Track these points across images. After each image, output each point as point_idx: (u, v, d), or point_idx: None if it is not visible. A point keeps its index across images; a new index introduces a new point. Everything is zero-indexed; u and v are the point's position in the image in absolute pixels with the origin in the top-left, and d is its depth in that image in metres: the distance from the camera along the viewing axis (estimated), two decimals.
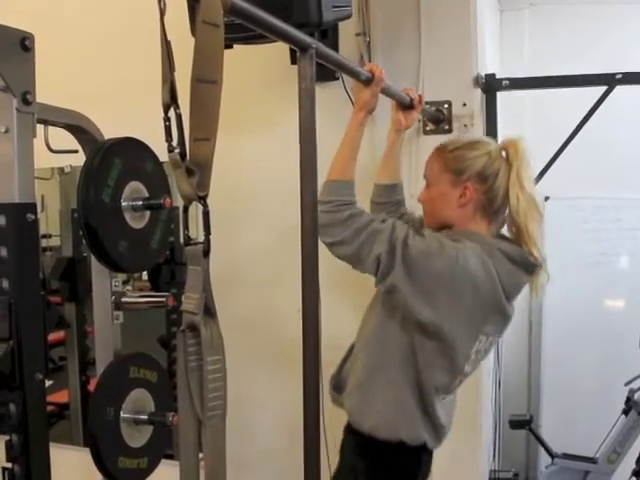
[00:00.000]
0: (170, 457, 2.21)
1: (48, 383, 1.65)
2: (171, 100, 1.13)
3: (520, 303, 3.89)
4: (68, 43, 2.95)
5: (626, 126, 3.68)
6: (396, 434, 1.76)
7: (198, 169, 1.14)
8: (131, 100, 2.77)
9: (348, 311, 2.46)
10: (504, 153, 1.77)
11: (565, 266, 3.85)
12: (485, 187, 1.74)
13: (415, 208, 2.11)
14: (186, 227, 1.22)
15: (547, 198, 3.89)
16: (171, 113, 1.14)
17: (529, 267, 1.76)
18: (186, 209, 1.20)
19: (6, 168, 1.54)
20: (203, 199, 1.17)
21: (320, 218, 1.61)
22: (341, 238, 1.65)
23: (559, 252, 3.87)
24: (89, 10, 3.00)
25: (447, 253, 1.63)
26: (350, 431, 1.84)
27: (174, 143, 1.14)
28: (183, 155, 1.13)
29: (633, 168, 3.69)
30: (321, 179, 1.48)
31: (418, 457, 1.82)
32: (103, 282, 2.17)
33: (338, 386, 1.93)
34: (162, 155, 1.44)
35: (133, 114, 2.55)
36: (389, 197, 2.09)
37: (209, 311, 1.23)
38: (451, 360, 1.73)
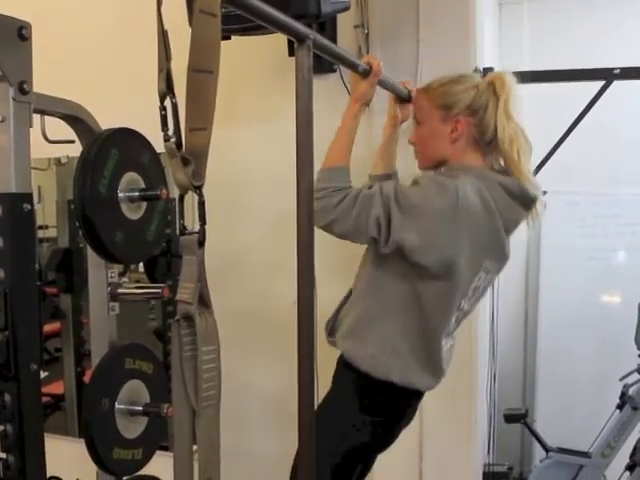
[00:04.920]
0: (165, 448, 2.21)
1: (43, 374, 1.65)
2: (167, 89, 1.13)
3: (516, 299, 3.96)
4: (65, 33, 2.94)
5: (623, 121, 3.69)
6: (388, 376, 1.77)
7: (194, 158, 1.14)
8: (128, 90, 2.76)
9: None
10: (491, 86, 1.78)
11: (561, 261, 3.87)
12: (476, 120, 1.76)
13: None
14: (181, 217, 1.22)
15: (544, 193, 3.89)
16: (167, 102, 1.14)
17: (527, 201, 1.77)
18: (182, 198, 1.20)
19: (2, 158, 1.54)
20: (199, 189, 1.17)
21: (314, 205, 1.62)
22: (334, 217, 1.66)
23: (555, 247, 3.90)
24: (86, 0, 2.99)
25: (446, 190, 1.64)
26: (345, 364, 1.85)
27: (170, 132, 1.14)
28: (179, 144, 1.13)
29: (630, 163, 3.70)
30: (318, 170, 1.47)
31: (408, 398, 1.86)
32: (99, 273, 2.16)
33: (332, 331, 1.94)
34: (159, 146, 1.43)
35: (130, 105, 2.54)
36: None
37: (204, 301, 1.23)
38: (451, 298, 1.74)
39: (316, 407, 1.78)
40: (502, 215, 1.71)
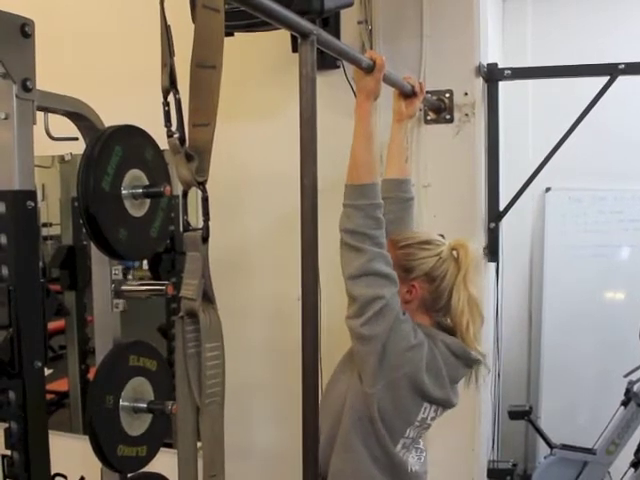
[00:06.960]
0: (169, 445, 2.21)
1: (48, 371, 1.65)
2: (170, 85, 1.13)
3: (520, 296, 3.95)
4: (69, 30, 2.94)
5: (627, 118, 3.67)
6: None
7: (197, 154, 1.14)
8: (131, 87, 2.76)
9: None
10: (455, 253, 1.78)
11: (565, 258, 3.86)
12: (432, 287, 1.77)
13: (416, 196, 2.11)
14: (185, 213, 1.21)
15: (548, 189, 3.89)
16: (170, 98, 1.14)
17: (469, 362, 1.79)
18: (185, 194, 1.20)
19: (6, 155, 1.54)
20: (202, 184, 1.17)
21: (354, 221, 1.62)
22: (363, 248, 1.63)
23: (559, 243, 3.89)
24: None
25: (418, 335, 1.69)
26: None
27: (173, 128, 1.14)
28: (182, 140, 1.13)
29: (633, 160, 3.68)
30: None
31: None
32: (103, 270, 2.16)
33: None
34: (162, 143, 1.43)
35: (133, 101, 2.54)
36: (391, 192, 2.03)
37: (208, 297, 1.23)
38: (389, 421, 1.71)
39: None
40: (447, 372, 1.74)
